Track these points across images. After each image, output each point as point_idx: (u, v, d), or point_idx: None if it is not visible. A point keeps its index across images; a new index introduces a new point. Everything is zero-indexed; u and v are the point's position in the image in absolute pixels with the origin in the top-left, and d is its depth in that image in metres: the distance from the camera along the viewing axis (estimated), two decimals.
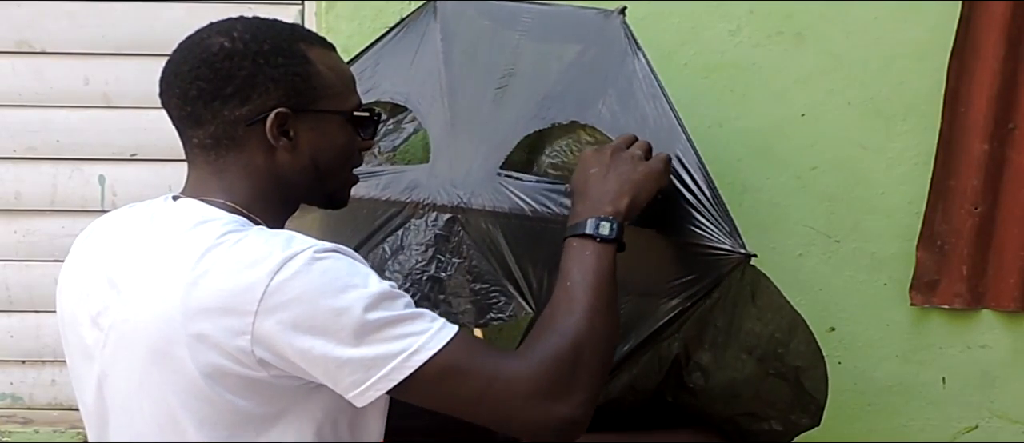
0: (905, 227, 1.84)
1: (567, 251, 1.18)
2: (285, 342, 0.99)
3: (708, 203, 1.32)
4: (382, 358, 0.99)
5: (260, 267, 0.99)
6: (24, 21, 1.83)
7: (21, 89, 1.87)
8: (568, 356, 1.06)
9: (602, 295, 1.13)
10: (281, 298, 0.98)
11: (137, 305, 1.04)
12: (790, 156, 1.81)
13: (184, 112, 1.08)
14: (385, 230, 1.51)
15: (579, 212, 1.22)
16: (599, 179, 1.23)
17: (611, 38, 1.47)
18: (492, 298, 1.44)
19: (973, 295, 1.86)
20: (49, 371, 2.01)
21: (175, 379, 1.02)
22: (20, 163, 1.91)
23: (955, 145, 1.78)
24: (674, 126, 1.38)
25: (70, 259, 1.17)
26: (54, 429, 1.98)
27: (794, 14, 1.75)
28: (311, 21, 1.81)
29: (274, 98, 1.07)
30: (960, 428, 1.97)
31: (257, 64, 1.07)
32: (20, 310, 1.99)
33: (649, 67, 1.43)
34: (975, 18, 1.72)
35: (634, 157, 1.26)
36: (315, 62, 1.10)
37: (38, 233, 1.95)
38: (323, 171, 1.13)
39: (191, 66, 1.07)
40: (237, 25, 1.09)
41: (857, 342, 1.92)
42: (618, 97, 1.43)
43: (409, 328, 1.00)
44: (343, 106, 1.13)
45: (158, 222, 1.09)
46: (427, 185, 1.48)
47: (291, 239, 1.02)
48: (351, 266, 1.02)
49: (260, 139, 1.08)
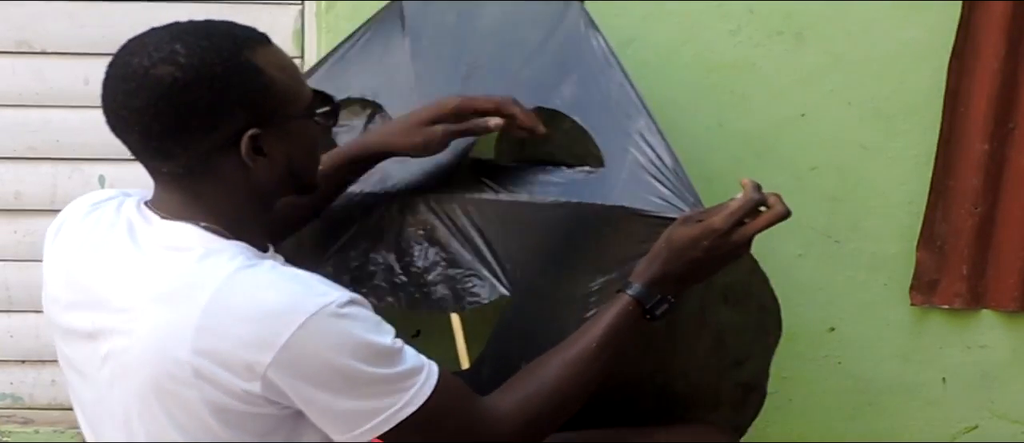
0: (905, 227, 1.84)
1: (618, 305, 1.22)
2: (293, 390, 1.02)
3: (672, 177, 1.35)
4: (377, 410, 1.05)
5: (278, 321, 1.00)
6: (24, 21, 1.83)
7: (21, 89, 1.87)
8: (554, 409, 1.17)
9: (613, 362, 1.22)
10: (296, 353, 1.00)
11: (140, 336, 1.03)
12: (790, 156, 1.81)
13: (148, 147, 1.07)
14: (360, 223, 1.53)
15: (655, 278, 1.23)
16: (696, 266, 1.23)
17: (571, 24, 1.50)
18: (468, 282, 1.47)
19: (973, 295, 1.86)
20: (49, 371, 2.01)
21: (177, 413, 1.04)
22: (20, 163, 1.91)
23: (955, 145, 1.78)
24: (636, 104, 1.42)
25: (49, 261, 1.17)
26: (54, 429, 1.98)
27: (794, 14, 1.75)
28: (311, 21, 1.81)
29: (241, 120, 1.05)
30: (960, 428, 1.97)
31: (215, 90, 1.03)
32: (20, 310, 1.98)
33: (608, 49, 1.47)
34: (975, 18, 1.72)
35: (733, 254, 1.24)
36: (265, 70, 1.06)
37: (38, 233, 1.93)
38: (297, 171, 1.14)
39: (145, 102, 1.03)
40: (177, 47, 1.04)
41: (857, 342, 1.92)
42: (580, 80, 1.47)
43: (405, 383, 1.06)
44: (303, 104, 1.12)
45: (146, 244, 1.08)
46: (399, 176, 1.51)
47: (309, 287, 1.03)
48: (365, 323, 1.05)
49: (234, 162, 1.07)
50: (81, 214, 1.16)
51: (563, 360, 1.19)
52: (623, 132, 1.41)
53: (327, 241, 1.55)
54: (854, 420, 1.96)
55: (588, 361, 1.19)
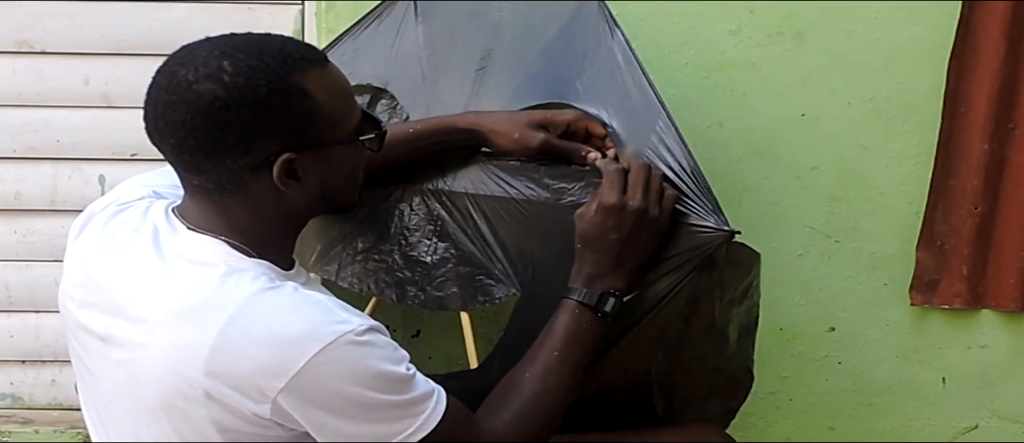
0: (905, 227, 1.84)
1: (565, 312, 1.24)
2: (303, 415, 1.02)
3: (690, 181, 1.33)
4: (388, 434, 1.05)
5: (295, 348, 0.99)
6: (24, 21, 1.83)
7: (21, 89, 1.87)
8: (544, 420, 1.20)
9: (582, 364, 1.25)
10: (310, 380, 1.00)
11: (154, 351, 1.03)
12: (790, 156, 1.81)
13: (181, 159, 1.06)
14: (370, 217, 1.52)
15: (589, 276, 1.25)
16: (619, 248, 1.25)
17: (589, 18, 1.47)
18: (478, 281, 1.45)
19: (973, 295, 1.86)
20: (49, 371, 2.01)
21: (185, 430, 1.04)
22: (20, 163, 1.91)
23: (955, 145, 1.78)
24: (654, 103, 1.38)
25: (71, 257, 1.16)
26: (54, 429, 1.98)
27: (794, 14, 1.75)
28: (311, 21, 1.81)
29: (278, 143, 1.04)
30: (960, 428, 1.97)
31: (256, 111, 1.01)
32: (20, 310, 1.98)
33: (628, 46, 1.43)
34: (975, 18, 1.72)
35: (658, 223, 1.27)
36: (313, 94, 1.04)
37: (38, 233, 1.95)
38: (331, 195, 1.12)
39: (184, 116, 1.01)
40: (224, 64, 1.01)
41: (857, 342, 1.91)
42: (597, 75, 1.44)
43: (416, 408, 1.06)
44: (348, 130, 1.10)
45: (170, 255, 1.07)
46: (410, 170, 1.49)
47: (328, 314, 1.03)
48: (382, 350, 1.05)
49: (266, 183, 1.05)
50: (108, 214, 1.15)
51: (534, 375, 1.21)
52: (641, 131, 1.38)
53: (332, 230, 1.55)
54: (854, 420, 1.96)
55: (557, 371, 1.22)
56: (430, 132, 1.42)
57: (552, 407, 1.21)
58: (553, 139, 1.37)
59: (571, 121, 1.39)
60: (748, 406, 1.55)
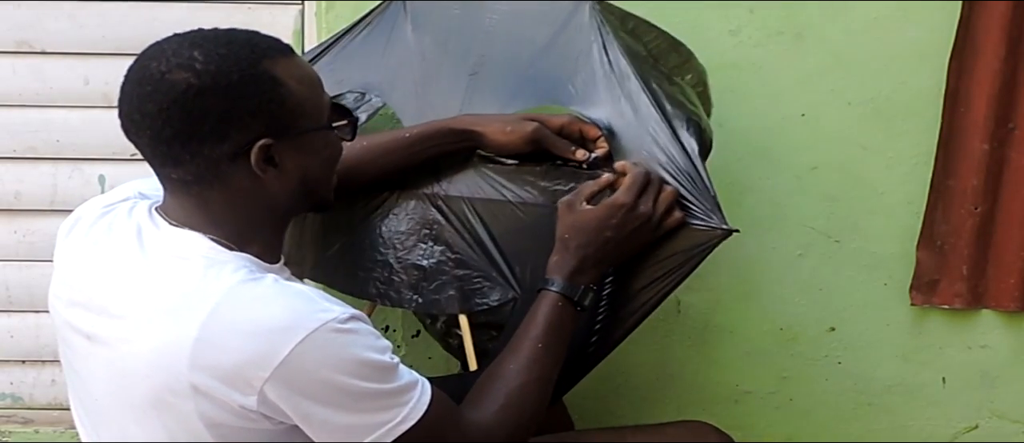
0: (905, 227, 1.84)
1: (548, 304, 1.26)
2: (290, 405, 1.02)
3: (686, 182, 1.33)
4: (374, 425, 1.05)
5: (278, 337, 0.99)
6: (24, 21, 1.83)
7: (21, 89, 1.87)
8: (531, 411, 1.20)
9: (562, 356, 1.26)
10: (295, 368, 1.00)
11: (139, 348, 1.03)
12: (790, 156, 1.81)
13: (158, 151, 1.06)
14: (366, 222, 1.52)
15: (573, 269, 1.27)
16: (610, 246, 1.28)
17: (582, 20, 1.48)
18: (476, 284, 1.45)
19: (973, 295, 1.86)
20: (49, 371, 2.01)
21: (175, 425, 1.04)
22: (20, 163, 1.91)
23: (955, 145, 1.78)
24: (648, 104, 1.39)
25: (58, 258, 1.17)
26: (54, 429, 1.98)
27: (794, 14, 1.75)
28: (311, 21, 1.81)
29: (254, 130, 1.05)
30: (960, 428, 1.97)
31: (230, 98, 1.03)
32: (20, 310, 1.99)
33: (622, 48, 1.44)
34: (975, 18, 1.72)
35: (653, 233, 1.30)
36: (284, 80, 1.06)
37: (38, 233, 1.95)
38: (311, 186, 1.13)
39: (159, 106, 1.02)
40: (195, 53, 1.03)
41: (857, 342, 1.92)
42: (591, 77, 1.44)
43: (402, 397, 1.06)
44: (321, 118, 1.12)
45: (152, 251, 1.08)
46: (407, 175, 1.49)
47: (310, 303, 1.03)
48: (365, 338, 1.05)
49: (245, 171, 1.06)
50: (95, 215, 1.16)
51: (519, 366, 1.22)
52: (636, 133, 1.39)
53: (328, 236, 1.55)
54: (854, 420, 1.96)
55: (540, 361, 1.23)
56: (426, 136, 1.44)
57: (537, 398, 1.21)
58: (546, 129, 1.41)
59: (565, 124, 1.41)
60: (748, 406, 1.55)
